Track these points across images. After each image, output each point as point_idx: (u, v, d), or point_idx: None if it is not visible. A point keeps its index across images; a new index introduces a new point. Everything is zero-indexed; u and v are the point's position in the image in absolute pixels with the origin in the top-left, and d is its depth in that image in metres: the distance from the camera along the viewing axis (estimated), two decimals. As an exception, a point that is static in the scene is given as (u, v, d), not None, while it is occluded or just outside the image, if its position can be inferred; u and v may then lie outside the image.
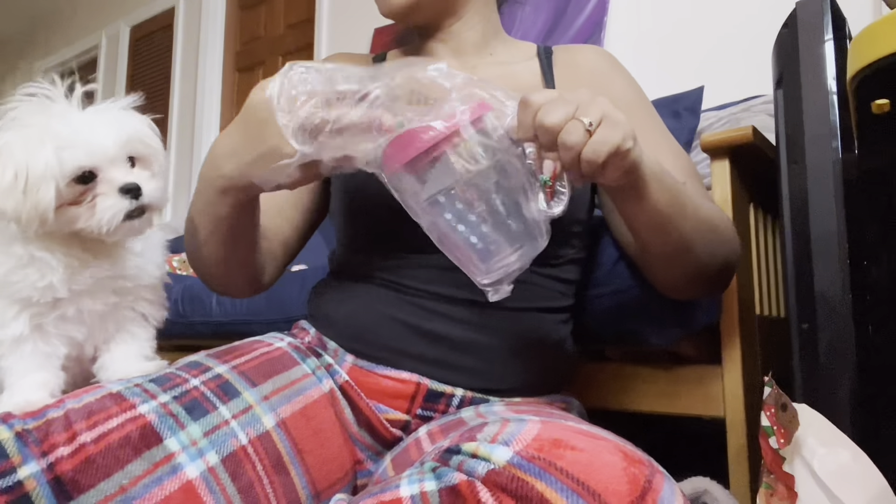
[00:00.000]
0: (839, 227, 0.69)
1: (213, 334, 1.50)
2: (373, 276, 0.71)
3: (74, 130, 0.62)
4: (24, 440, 0.49)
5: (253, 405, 0.60)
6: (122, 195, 0.63)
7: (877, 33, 0.58)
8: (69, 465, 0.49)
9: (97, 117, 0.66)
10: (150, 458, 0.52)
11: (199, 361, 0.64)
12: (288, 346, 0.70)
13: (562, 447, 0.44)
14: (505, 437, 0.45)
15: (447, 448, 0.47)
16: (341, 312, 0.72)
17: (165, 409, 0.55)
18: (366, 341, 0.69)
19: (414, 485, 0.44)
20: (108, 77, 4.32)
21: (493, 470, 0.43)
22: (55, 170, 0.60)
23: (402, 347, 0.67)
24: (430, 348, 0.67)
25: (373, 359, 0.68)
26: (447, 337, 0.66)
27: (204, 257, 0.73)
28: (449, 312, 0.67)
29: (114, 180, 0.63)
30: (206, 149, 3.59)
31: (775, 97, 0.80)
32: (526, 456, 0.43)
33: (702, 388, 0.90)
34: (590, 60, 0.80)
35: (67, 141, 0.61)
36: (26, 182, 0.59)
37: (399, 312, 0.68)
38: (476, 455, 0.44)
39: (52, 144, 0.60)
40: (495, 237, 0.53)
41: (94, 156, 0.62)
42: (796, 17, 0.77)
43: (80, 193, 0.63)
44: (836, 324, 0.68)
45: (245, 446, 0.57)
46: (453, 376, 0.67)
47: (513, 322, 0.69)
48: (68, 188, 0.61)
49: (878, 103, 0.58)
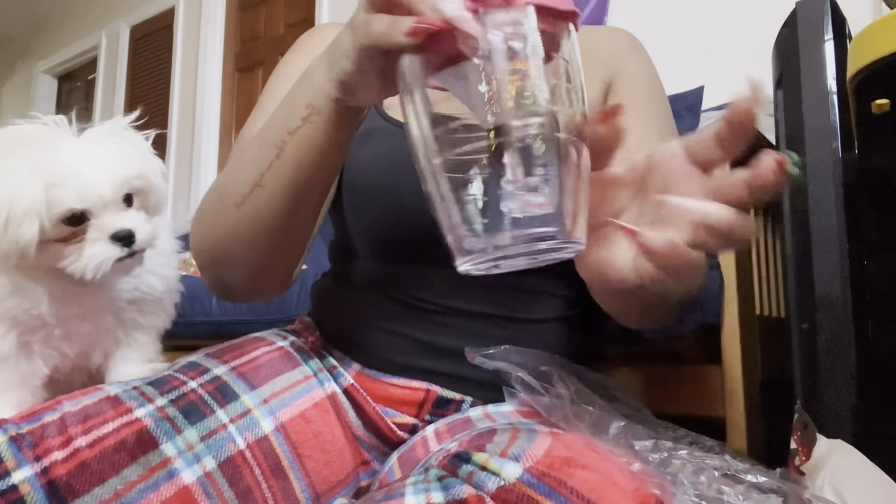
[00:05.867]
0: (839, 227, 0.69)
1: (214, 334, 1.49)
2: (378, 288, 0.69)
3: (68, 168, 0.58)
4: (18, 444, 0.49)
5: (251, 409, 0.60)
6: (113, 242, 0.59)
7: (877, 33, 0.58)
8: (64, 470, 0.48)
9: (95, 153, 0.61)
10: (145, 464, 0.51)
11: (197, 362, 0.63)
12: (290, 346, 0.69)
13: (572, 465, 0.43)
14: (515, 451, 0.45)
15: (455, 454, 0.47)
16: (345, 325, 0.70)
17: (162, 413, 0.55)
18: (371, 354, 0.68)
19: (420, 494, 0.44)
20: (108, 77, 4.32)
21: (502, 487, 0.42)
22: (41, 206, 0.56)
23: (410, 362, 0.66)
24: (440, 363, 0.66)
25: (380, 369, 0.67)
26: (457, 351, 0.65)
27: (245, 213, 0.55)
28: (458, 326, 0.66)
29: (106, 226, 0.59)
30: (206, 149, 3.59)
31: (775, 97, 0.80)
32: (536, 473, 0.43)
33: (702, 388, 0.90)
34: (605, 40, 0.74)
35: (60, 179, 0.57)
36: (8, 215, 0.56)
37: (406, 327, 0.66)
38: (486, 468, 0.44)
39: (44, 180, 0.56)
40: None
41: (87, 199, 0.58)
42: (796, 17, 0.77)
43: (69, 233, 0.59)
44: (836, 324, 0.68)
45: (243, 451, 0.56)
46: (464, 387, 0.66)
47: (526, 334, 0.68)
48: (56, 227, 0.58)
49: (878, 103, 0.58)
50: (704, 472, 0.44)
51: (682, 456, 0.46)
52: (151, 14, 4.06)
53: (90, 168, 0.59)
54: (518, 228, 0.37)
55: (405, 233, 0.67)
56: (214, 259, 0.61)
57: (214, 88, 3.65)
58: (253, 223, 0.55)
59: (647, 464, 0.45)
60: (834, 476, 0.52)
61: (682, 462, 0.46)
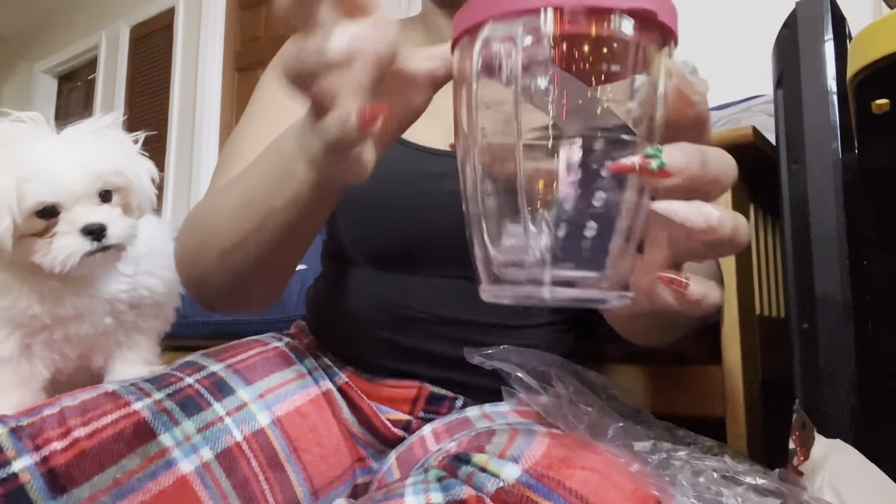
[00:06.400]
0: (839, 227, 0.69)
1: (213, 334, 1.50)
2: (370, 296, 0.69)
3: (40, 163, 0.59)
4: (18, 435, 0.49)
5: (247, 402, 0.60)
6: (82, 235, 0.60)
7: (877, 33, 0.58)
8: (63, 459, 0.49)
9: (69, 149, 0.61)
10: (143, 453, 0.52)
11: (194, 361, 0.64)
12: (285, 346, 0.70)
13: (571, 466, 0.44)
14: (514, 452, 0.45)
15: (455, 455, 0.47)
16: (338, 331, 0.71)
17: (159, 406, 0.56)
18: (364, 361, 0.68)
19: (420, 495, 0.44)
20: (108, 77, 4.32)
21: (502, 488, 0.43)
22: (12, 200, 0.57)
23: (404, 368, 0.67)
24: (434, 369, 0.66)
25: (373, 372, 0.68)
26: (452, 358, 0.65)
27: (228, 264, 0.54)
28: (451, 334, 0.66)
29: (76, 219, 0.60)
30: (206, 149, 3.59)
31: (775, 97, 0.80)
32: (535, 474, 0.43)
33: (702, 388, 0.90)
34: None
35: (30, 174, 0.58)
36: None
37: (398, 336, 0.67)
38: (486, 469, 0.44)
39: (15, 175, 0.57)
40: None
41: (57, 192, 0.59)
42: (796, 17, 0.77)
43: (42, 227, 0.60)
44: (836, 324, 0.68)
45: (240, 443, 0.57)
46: (458, 390, 0.67)
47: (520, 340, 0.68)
48: (28, 221, 0.59)
49: (878, 103, 0.58)
50: (703, 474, 0.44)
51: (680, 457, 0.46)
52: (151, 14, 4.06)
53: (61, 163, 0.59)
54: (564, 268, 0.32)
55: (399, 243, 0.66)
56: (196, 286, 0.60)
57: (214, 88, 3.65)
58: (236, 273, 0.55)
59: (645, 465, 0.45)
60: (833, 476, 0.52)
61: (681, 463, 0.46)
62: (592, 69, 0.31)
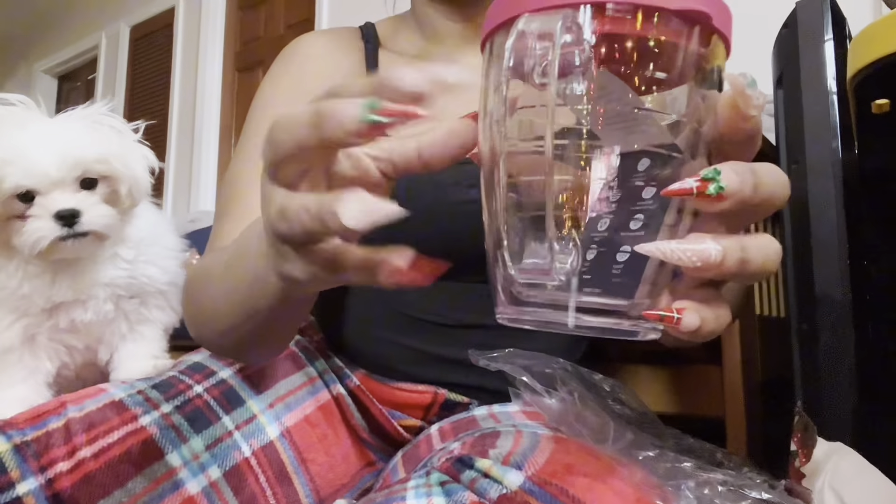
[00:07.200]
0: (839, 227, 0.69)
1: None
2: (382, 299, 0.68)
3: (18, 147, 0.60)
4: (22, 454, 0.48)
5: (257, 414, 0.60)
6: (55, 220, 0.61)
7: (877, 33, 0.58)
8: (68, 482, 0.48)
9: (53, 134, 0.62)
10: (150, 475, 0.51)
11: (202, 363, 0.63)
12: (295, 345, 0.69)
13: (574, 473, 0.43)
14: (517, 458, 0.45)
15: (458, 457, 0.47)
16: (349, 333, 0.69)
17: (167, 420, 0.55)
18: (377, 365, 0.68)
19: (421, 499, 0.44)
20: (108, 77, 4.32)
21: (504, 495, 0.42)
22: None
23: (417, 372, 0.66)
24: (447, 373, 0.65)
25: (385, 375, 0.67)
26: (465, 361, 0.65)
27: (228, 341, 0.53)
28: (465, 337, 0.65)
29: (50, 204, 0.61)
30: (206, 149, 3.59)
31: (775, 97, 0.80)
32: (538, 482, 0.43)
33: (702, 388, 0.90)
34: None
35: (10, 157, 0.59)
36: None
37: (411, 339, 0.66)
38: (489, 475, 0.44)
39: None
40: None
41: (33, 177, 0.60)
42: (796, 17, 0.77)
43: (21, 210, 0.61)
44: (836, 324, 0.68)
45: (248, 458, 0.57)
46: (473, 394, 0.66)
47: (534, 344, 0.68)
48: (8, 203, 0.60)
49: (878, 103, 0.58)
50: (709, 485, 0.44)
51: (685, 468, 0.46)
52: (151, 14, 4.06)
53: (40, 148, 0.60)
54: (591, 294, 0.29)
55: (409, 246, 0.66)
56: (205, 346, 0.59)
57: (214, 88, 3.65)
58: (237, 345, 0.53)
59: (650, 473, 0.45)
60: (834, 478, 0.51)
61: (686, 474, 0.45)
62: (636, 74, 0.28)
